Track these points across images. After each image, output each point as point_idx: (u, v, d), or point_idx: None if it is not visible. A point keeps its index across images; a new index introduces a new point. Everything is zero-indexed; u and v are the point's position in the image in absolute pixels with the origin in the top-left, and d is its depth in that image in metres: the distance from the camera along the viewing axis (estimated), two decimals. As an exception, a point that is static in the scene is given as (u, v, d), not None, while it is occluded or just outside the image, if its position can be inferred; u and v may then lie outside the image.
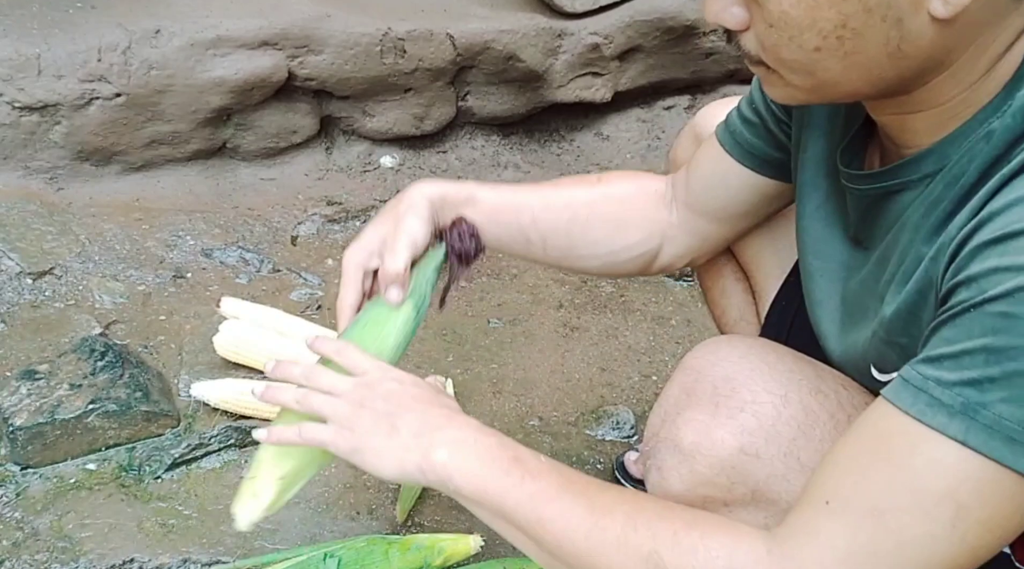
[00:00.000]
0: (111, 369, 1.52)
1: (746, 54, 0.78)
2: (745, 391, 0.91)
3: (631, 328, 1.95)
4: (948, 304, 0.69)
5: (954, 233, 0.71)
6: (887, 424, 0.70)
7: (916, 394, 0.68)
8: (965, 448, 0.66)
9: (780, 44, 0.73)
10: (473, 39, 2.24)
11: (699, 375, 0.95)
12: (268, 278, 1.94)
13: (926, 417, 0.67)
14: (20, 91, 1.90)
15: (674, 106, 2.61)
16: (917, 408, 0.68)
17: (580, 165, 2.48)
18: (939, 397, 0.67)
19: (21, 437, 1.42)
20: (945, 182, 0.75)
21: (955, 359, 0.67)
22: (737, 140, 1.08)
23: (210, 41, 2.01)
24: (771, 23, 0.72)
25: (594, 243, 1.15)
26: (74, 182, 2.02)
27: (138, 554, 1.34)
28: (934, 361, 0.68)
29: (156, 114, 2.02)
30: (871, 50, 0.70)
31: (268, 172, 2.21)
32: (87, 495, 1.42)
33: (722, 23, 0.77)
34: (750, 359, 0.93)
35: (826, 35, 0.70)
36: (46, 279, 1.80)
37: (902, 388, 0.70)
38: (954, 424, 0.66)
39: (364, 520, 1.43)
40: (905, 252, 0.80)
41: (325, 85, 2.16)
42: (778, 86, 0.79)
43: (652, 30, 2.41)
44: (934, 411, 0.67)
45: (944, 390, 0.67)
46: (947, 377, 0.67)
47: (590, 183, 1.17)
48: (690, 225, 1.16)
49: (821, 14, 0.69)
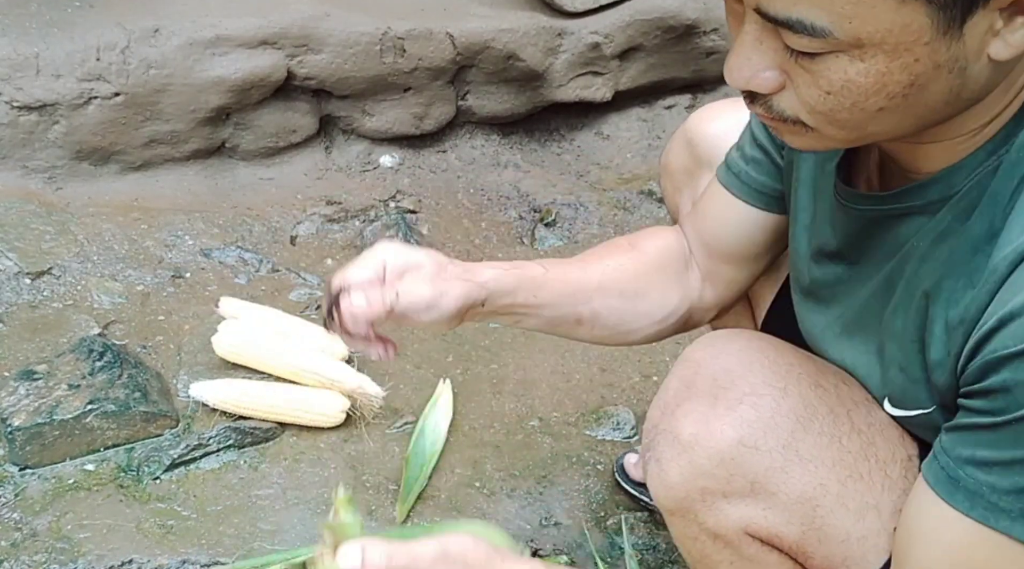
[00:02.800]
0: (109, 369, 1.52)
1: (777, 115, 0.74)
2: (744, 383, 0.91)
3: (631, 328, 1.95)
4: (982, 407, 0.72)
5: (976, 316, 0.73)
6: (954, 532, 0.75)
7: (973, 498, 0.73)
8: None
9: (838, 109, 0.70)
10: (473, 38, 2.23)
11: (699, 367, 0.95)
12: (267, 278, 1.93)
13: (989, 522, 0.72)
14: (18, 90, 1.90)
15: (675, 105, 2.60)
16: (978, 513, 0.72)
17: (580, 164, 2.48)
18: (996, 502, 0.71)
19: (20, 437, 1.41)
20: (954, 214, 0.76)
21: (1005, 466, 0.71)
22: (744, 181, 1.07)
23: (209, 40, 2.00)
24: (829, 91, 0.69)
25: (644, 315, 1.12)
26: (72, 182, 2.01)
27: (137, 555, 1.34)
28: (983, 465, 0.72)
29: (155, 113, 2.02)
30: (932, 101, 0.69)
31: (267, 172, 2.21)
32: (86, 496, 1.41)
33: (752, 89, 0.73)
34: (750, 352, 0.94)
35: (893, 96, 0.68)
36: (44, 279, 1.80)
37: (953, 489, 0.74)
38: (1018, 527, 0.71)
39: (364, 520, 1.43)
40: (913, 284, 0.80)
41: (324, 84, 2.15)
42: (808, 139, 0.76)
43: (652, 29, 2.40)
44: (996, 516, 0.72)
45: (1001, 496, 0.71)
46: (1001, 484, 0.71)
47: (625, 251, 1.14)
48: (714, 276, 1.15)
49: (892, 78, 0.67)
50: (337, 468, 1.50)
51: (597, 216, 2.28)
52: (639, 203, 2.34)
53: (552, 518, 1.48)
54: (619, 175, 2.46)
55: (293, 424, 1.55)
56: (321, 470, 1.50)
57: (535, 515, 1.48)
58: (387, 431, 1.59)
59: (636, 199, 2.35)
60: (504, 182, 2.36)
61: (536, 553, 1.42)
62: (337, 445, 1.55)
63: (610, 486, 1.53)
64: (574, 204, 2.29)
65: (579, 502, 1.51)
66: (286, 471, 1.49)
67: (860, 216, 0.86)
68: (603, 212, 2.29)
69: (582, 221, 2.25)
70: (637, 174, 2.44)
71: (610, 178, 2.44)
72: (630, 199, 2.35)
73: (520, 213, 2.26)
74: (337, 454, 1.53)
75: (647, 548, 1.44)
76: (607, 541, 1.45)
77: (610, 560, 1.42)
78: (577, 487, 1.53)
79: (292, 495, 1.45)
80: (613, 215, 2.29)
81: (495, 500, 1.49)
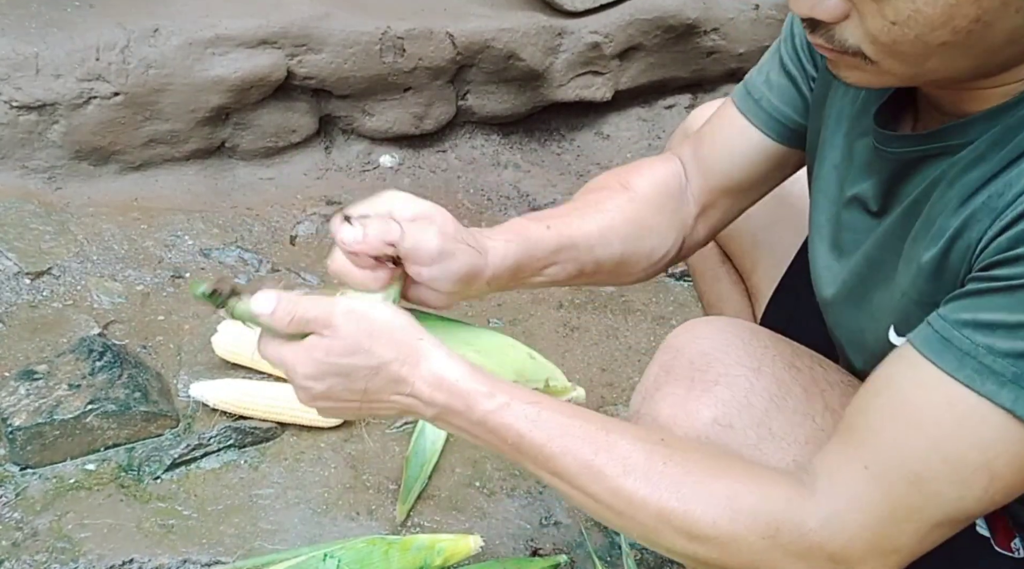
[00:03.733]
0: (110, 369, 1.52)
1: (837, 45, 0.74)
2: (719, 365, 0.92)
3: (631, 328, 1.95)
4: (1001, 273, 0.69)
5: (1009, 198, 0.70)
6: (930, 388, 0.71)
7: (963, 358, 0.69)
8: (1011, 417, 0.67)
9: (902, 40, 0.69)
10: (473, 38, 2.23)
11: (677, 353, 0.96)
12: (267, 278, 1.93)
13: (974, 383, 0.68)
14: (18, 90, 1.90)
15: (675, 105, 2.60)
16: (965, 373, 0.69)
17: (580, 165, 2.48)
18: (989, 365, 0.68)
19: (20, 437, 1.41)
20: (990, 142, 0.74)
21: (1009, 329, 0.67)
22: (764, 107, 1.04)
23: (209, 40, 2.00)
24: (895, 21, 0.68)
25: (643, 256, 1.09)
26: (72, 181, 2.01)
27: (137, 554, 1.34)
28: (985, 327, 0.68)
29: (154, 113, 2.02)
30: (994, 40, 0.69)
31: (267, 171, 2.20)
32: (86, 495, 1.41)
33: (816, 16, 0.73)
34: (725, 335, 0.95)
35: (958, 31, 0.67)
36: (44, 279, 1.80)
37: (943, 348, 0.70)
38: (1004, 393, 0.67)
39: (364, 520, 1.43)
40: (937, 209, 0.78)
41: (324, 84, 2.15)
42: (866, 74, 0.75)
43: (653, 29, 2.41)
44: (983, 378, 0.68)
45: (996, 359, 0.67)
46: (1000, 346, 0.67)
47: (619, 192, 1.10)
48: (709, 207, 1.12)
49: (960, 11, 0.66)
50: (337, 467, 1.51)
51: (597, 216, 2.28)
52: (639, 203, 2.34)
53: (552, 517, 1.48)
54: (619, 175, 2.46)
55: (293, 424, 1.56)
56: (321, 470, 1.50)
57: (535, 514, 1.48)
58: (387, 431, 1.59)
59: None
60: (504, 182, 2.36)
61: (536, 553, 1.42)
62: (337, 445, 1.55)
63: (610, 486, 1.53)
64: (574, 204, 2.29)
65: (579, 502, 1.51)
66: (286, 471, 1.49)
67: (895, 158, 0.84)
68: (603, 212, 2.29)
69: (582, 221, 2.25)
70: (637, 174, 2.44)
71: (610, 178, 2.44)
72: (630, 199, 2.35)
73: (520, 213, 2.26)
74: (337, 454, 1.53)
75: (646, 548, 1.44)
76: (606, 540, 1.45)
77: (609, 559, 1.42)
78: (577, 487, 1.53)
79: (292, 495, 1.45)
80: (613, 215, 2.29)
81: (495, 500, 1.50)
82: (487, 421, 0.81)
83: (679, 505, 0.77)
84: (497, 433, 0.81)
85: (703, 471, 0.79)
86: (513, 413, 0.80)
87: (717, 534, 0.76)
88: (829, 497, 0.75)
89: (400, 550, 1.32)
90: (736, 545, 0.77)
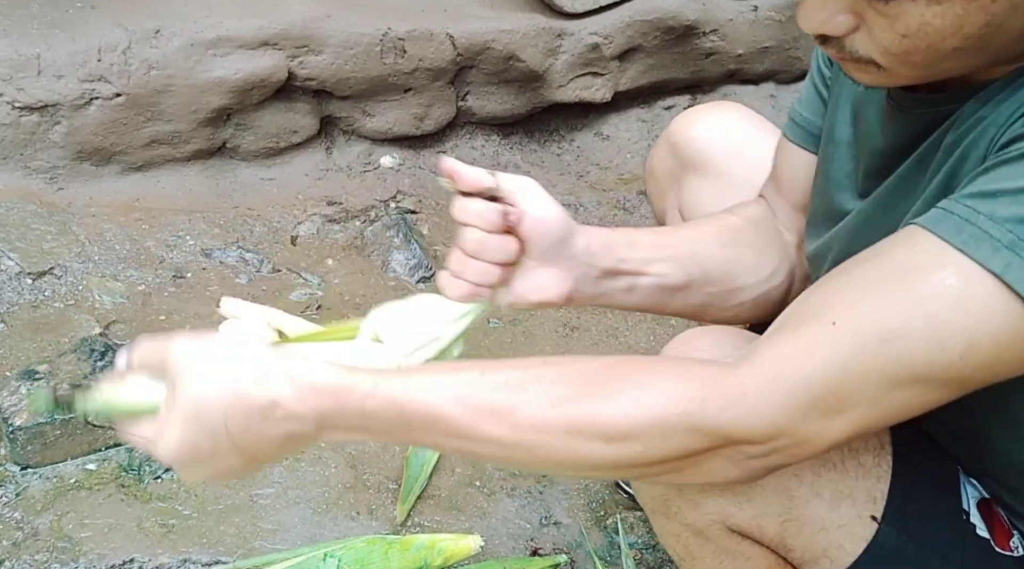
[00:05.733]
0: (111, 369, 1.52)
1: (849, 55, 0.74)
2: None
3: (631, 328, 1.95)
4: (1014, 146, 0.67)
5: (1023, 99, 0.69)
6: (921, 251, 0.69)
7: (961, 224, 0.67)
8: (1000, 283, 0.65)
9: (914, 50, 0.70)
10: (473, 39, 2.23)
11: None
12: (268, 278, 1.94)
13: (968, 247, 0.66)
14: (20, 91, 1.90)
15: (674, 106, 2.61)
16: (960, 238, 0.67)
17: (580, 165, 2.48)
18: (988, 230, 0.66)
19: (21, 437, 1.42)
20: (1005, 82, 0.74)
21: (1013, 195, 0.66)
22: (799, 124, 1.06)
23: (210, 41, 2.01)
24: (905, 34, 0.69)
25: (750, 269, 1.06)
26: (74, 182, 2.02)
27: (138, 554, 1.34)
28: (988, 196, 0.67)
29: (156, 114, 2.02)
30: (1007, 39, 0.69)
31: (268, 172, 2.21)
32: (87, 495, 1.42)
33: (827, 32, 0.73)
34: (722, 347, 0.94)
35: (968, 37, 0.68)
36: (46, 279, 1.80)
37: (943, 218, 0.69)
38: (997, 257, 0.65)
39: (364, 520, 1.43)
40: (951, 143, 0.77)
41: (325, 85, 2.16)
42: (879, 77, 0.76)
43: (652, 30, 2.41)
44: (978, 242, 0.66)
45: (994, 224, 0.66)
46: (1001, 212, 0.66)
47: (710, 216, 1.11)
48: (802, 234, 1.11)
49: (969, 19, 0.66)
50: (338, 467, 1.51)
51: (597, 216, 2.28)
52: (639, 203, 2.35)
53: (552, 517, 1.48)
54: (619, 175, 2.46)
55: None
56: (322, 469, 1.50)
57: (535, 514, 1.48)
58: (387, 431, 1.59)
59: (636, 199, 2.36)
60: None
61: (536, 553, 1.42)
62: (337, 444, 1.55)
63: (609, 486, 1.54)
64: (574, 204, 2.30)
65: (578, 502, 1.51)
66: (287, 470, 1.50)
67: (916, 119, 0.83)
68: (603, 212, 2.30)
69: (581, 221, 2.24)
70: (637, 174, 2.44)
71: (610, 178, 2.44)
72: (630, 199, 2.36)
73: (520, 213, 2.26)
74: (337, 453, 1.53)
75: (646, 547, 1.44)
76: (606, 540, 1.45)
77: (609, 559, 1.42)
78: (577, 487, 1.54)
79: (293, 494, 1.46)
80: (613, 215, 2.30)
81: (495, 499, 1.50)
82: (364, 408, 0.73)
83: (584, 412, 0.72)
84: (379, 416, 0.74)
85: (598, 375, 0.74)
86: (386, 390, 0.74)
87: (635, 425, 0.71)
88: (773, 357, 0.71)
89: (400, 550, 1.32)
90: (660, 431, 0.71)
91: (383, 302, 0.94)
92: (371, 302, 1.91)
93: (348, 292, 1.93)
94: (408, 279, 1.99)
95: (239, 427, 0.73)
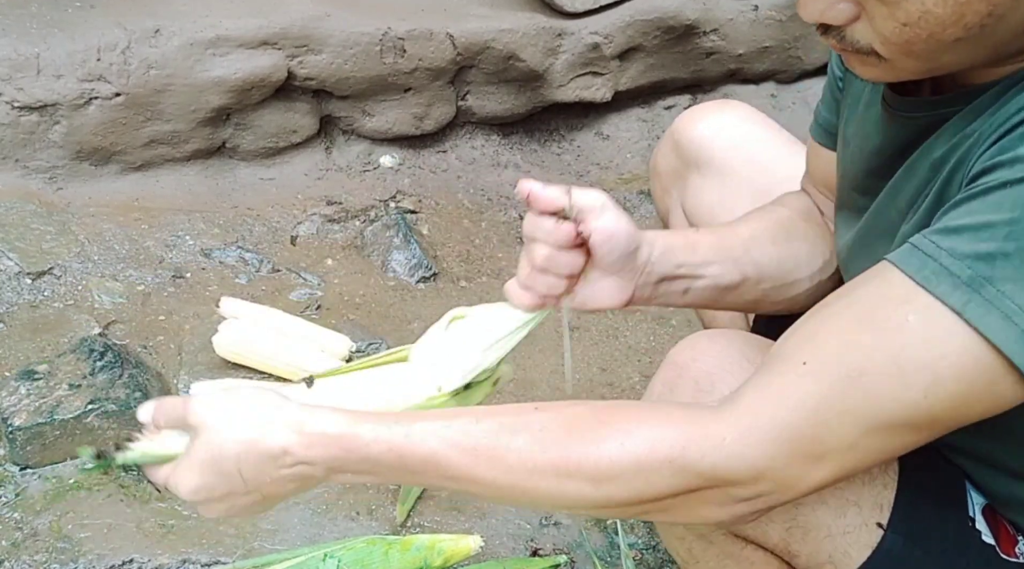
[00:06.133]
0: (110, 369, 1.52)
1: (849, 45, 0.74)
2: (724, 386, 0.91)
3: (631, 328, 1.95)
4: (982, 180, 0.68)
5: (1001, 119, 0.70)
6: (888, 288, 0.70)
7: (924, 261, 0.68)
8: (959, 320, 0.66)
9: (915, 40, 0.70)
10: (473, 39, 2.23)
11: (681, 371, 0.95)
12: (267, 278, 1.93)
13: (930, 284, 0.67)
14: (19, 91, 1.90)
15: (674, 106, 2.60)
16: (923, 275, 0.68)
17: (580, 165, 2.48)
18: (948, 266, 0.67)
19: (20, 437, 1.42)
20: (995, 95, 0.74)
21: (975, 231, 0.66)
22: (821, 124, 1.07)
23: (209, 41, 2.01)
24: (906, 23, 0.69)
25: (803, 262, 1.07)
26: (73, 182, 2.02)
27: (137, 554, 1.34)
28: (952, 232, 0.68)
29: (155, 114, 2.02)
30: (1009, 30, 0.69)
31: (267, 172, 2.21)
32: (86, 495, 1.41)
33: (827, 21, 0.73)
34: (730, 353, 0.94)
35: (970, 26, 0.67)
36: (45, 279, 1.80)
37: (910, 254, 0.70)
38: (956, 294, 0.66)
39: (364, 521, 1.43)
40: (938, 159, 0.78)
41: (325, 85, 2.16)
42: (880, 70, 0.76)
43: (652, 29, 2.41)
44: (939, 279, 0.67)
45: (955, 260, 0.67)
46: (961, 248, 0.67)
47: (762, 209, 1.12)
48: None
49: (970, 8, 0.66)
50: (337, 468, 1.51)
51: (597, 216, 2.28)
52: (639, 203, 2.34)
53: (552, 518, 1.48)
54: (619, 175, 2.46)
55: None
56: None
57: (535, 514, 1.48)
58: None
59: (636, 199, 2.36)
60: (504, 182, 2.36)
61: (536, 553, 1.42)
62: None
63: (610, 486, 1.53)
64: (574, 204, 2.29)
65: (579, 502, 1.51)
66: (286, 471, 1.49)
67: (910, 124, 0.84)
68: (603, 212, 2.29)
69: (582, 221, 2.25)
70: (637, 174, 2.44)
71: (610, 178, 2.44)
72: (630, 199, 2.36)
73: (520, 213, 2.26)
74: (337, 454, 1.53)
75: (646, 548, 1.44)
76: (606, 541, 1.45)
77: (609, 560, 1.42)
78: (577, 487, 1.53)
79: (292, 495, 1.46)
80: (613, 215, 2.29)
81: (495, 500, 1.50)
82: (369, 455, 0.79)
83: (572, 456, 0.75)
84: (383, 462, 0.79)
85: (586, 421, 0.78)
86: (387, 437, 0.79)
87: (621, 470, 0.74)
88: (751, 403, 0.73)
89: (400, 550, 1.32)
90: (644, 476, 0.74)
91: (383, 302, 0.95)
92: (371, 302, 1.91)
93: (348, 292, 1.93)
94: (408, 279, 1.99)
95: (252, 472, 0.80)
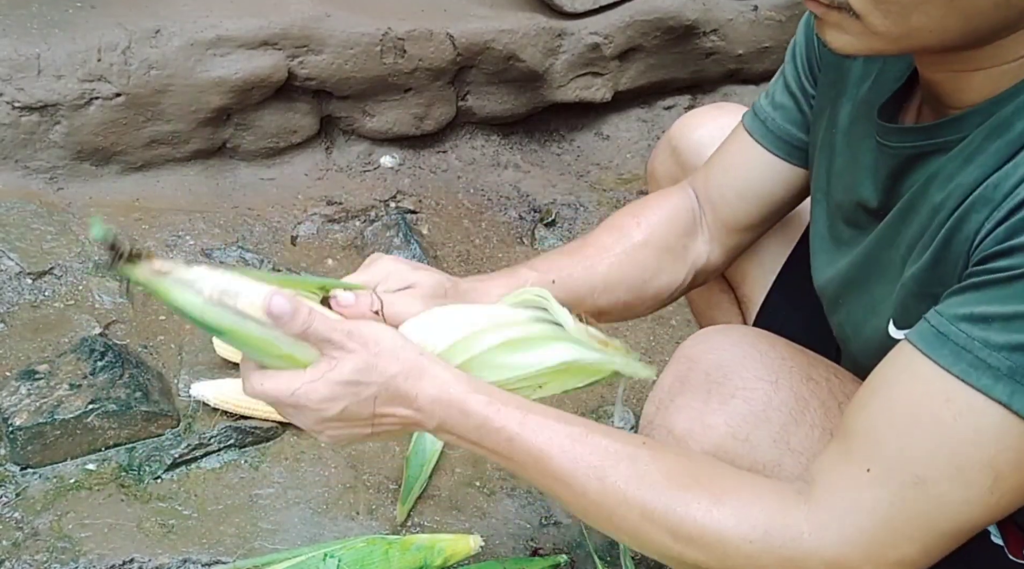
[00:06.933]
0: (111, 369, 1.52)
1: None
2: (737, 378, 0.92)
3: (631, 328, 1.95)
4: (1001, 264, 0.68)
5: (1006, 189, 0.70)
6: (927, 384, 0.70)
7: (959, 353, 0.68)
8: (1009, 412, 0.66)
9: None
10: (473, 39, 2.23)
11: (692, 364, 0.95)
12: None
13: (970, 378, 0.67)
14: (20, 91, 1.90)
15: (674, 106, 2.60)
16: (960, 368, 0.68)
17: (580, 165, 2.48)
18: (985, 359, 0.67)
19: (21, 437, 1.42)
20: (985, 134, 0.74)
21: (1005, 321, 0.66)
22: (770, 128, 1.07)
23: (210, 41, 2.01)
24: None
25: (651, 298, 1.14)
26: (74, 182, 2.02)
27: (138, 554, 1.34)
28: (981, 320, 0.68)
29: (156, 114, 2.02)
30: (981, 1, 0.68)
31: (268, 172, 2.21)
32: (87, 495, 1.42)
33: None
34: (742, 347, 0.94)
35: None
36: (46, 279, 1.80)
37: (939, 344, 0.70)
38: (999, 387, 0.66)
39: (364, 520, 1.43)
40: (934, 203, 0.78)
41: (325, 85, 2.16)
42: (851, 33, 0.75)
43: (652, 30, 2.41)
44: (979, 373, 0.67)
45: (991, 352, 0.67)
46: (996, 339, 0.67)
47: (631, 230, 1.13)
48: (724, 234, 1.15)
49: None
50: (337, 467, 1.51)
51: (597, 216, 2.28)
52: (639, 203, 2.35)
53: (552, 517, 1.48)
54: (619, 175, 2.46)
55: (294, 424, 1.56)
56: (322, 469, 1.50)
57: (535, 514, 1.48)
58: (387, 431, 1.59)
59: (635, 199, 2.36)
60: (504, 182, 2.36)
61: (536, 553, 1.42)
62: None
63: (610, 486, 1.54)
64: (574, 204, 2.30)
65: (579, 502, 1.51)
66: (287, 470, 1.50)
67: (896, 154, 0.84)
68: (603, 212, 2.30)
69: (582, 221, 2.26)
70: (637, 174, 2.45)
71: (610, 178, 2.44)
72: (630, 199, 2.36)
73: (520, 213, 2.26)
74: (337, 453, 1.53)
75: (646, 547, 1.44)
76: (606, 540, 1.45)
77: (609, 560, 1.42)
78: (577, 487, 1.54)
79: (293, 494, 1.46)
80: (613, 215, 2.30)
81: (495, 499, 1.50)
82: (483, 427, 0.83)
83: (661, 504, 0.77)
84: (491, 438, 0.83)
85: (687, 474, 0.79)
86: (504, 417, 0.83)
87: (701, 535, 0.76)
88: (826, 500, 0.74)
89: (400, 550, 1.33)
90: (722, 547, 0.76)
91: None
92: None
93: (348, 292, 1.93)
94: (408, 279, 1.99)
95: (383, 403, 0.84)
